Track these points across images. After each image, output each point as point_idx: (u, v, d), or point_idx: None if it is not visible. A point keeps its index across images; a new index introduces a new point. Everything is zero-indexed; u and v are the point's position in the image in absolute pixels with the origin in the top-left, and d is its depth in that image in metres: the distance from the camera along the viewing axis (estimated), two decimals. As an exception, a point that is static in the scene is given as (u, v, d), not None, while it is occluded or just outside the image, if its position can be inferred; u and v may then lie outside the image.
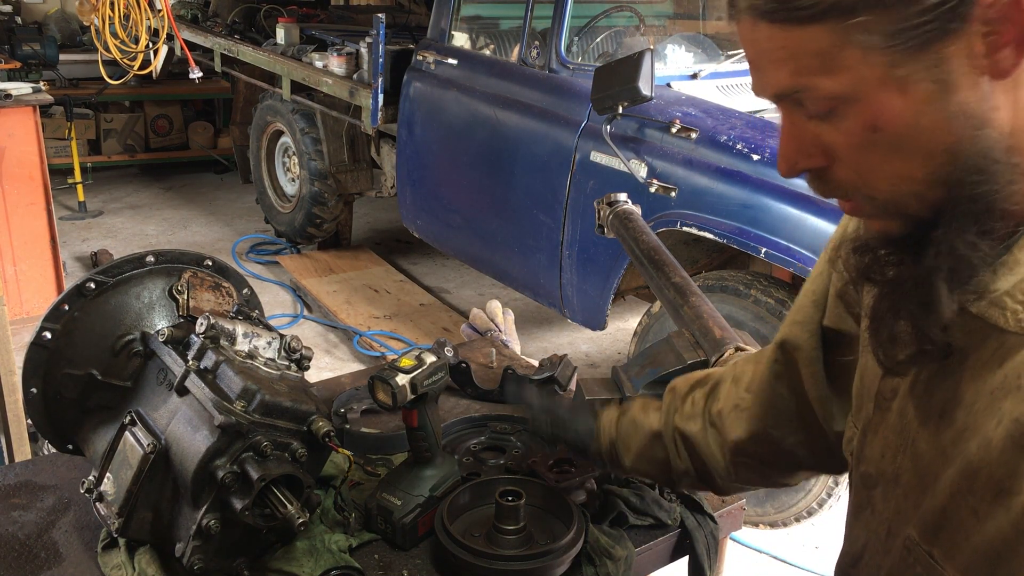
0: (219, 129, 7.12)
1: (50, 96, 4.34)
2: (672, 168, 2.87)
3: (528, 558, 1.17)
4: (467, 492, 1.30)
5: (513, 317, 2.05)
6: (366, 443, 1.51)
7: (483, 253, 3.84)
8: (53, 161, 5.44)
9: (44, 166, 4.06)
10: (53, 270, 4.15)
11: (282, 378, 1.19)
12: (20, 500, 1.36)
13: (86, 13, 5.44)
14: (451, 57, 3.86)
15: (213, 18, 5.84)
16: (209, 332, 1.17)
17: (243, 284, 1.40)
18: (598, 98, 2.90)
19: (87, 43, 6.66)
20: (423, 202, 4.09)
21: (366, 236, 5.70)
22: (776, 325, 2.66)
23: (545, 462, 1.40)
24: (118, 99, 6.72)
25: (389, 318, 4.27)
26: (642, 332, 3.02)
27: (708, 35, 3.75)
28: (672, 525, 1.32)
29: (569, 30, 3.39)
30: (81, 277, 1.24)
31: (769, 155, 2.68)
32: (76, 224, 5.70)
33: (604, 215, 1.70)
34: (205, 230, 5.77)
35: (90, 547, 1.25)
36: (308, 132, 4.81)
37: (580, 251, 3.24)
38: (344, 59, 4.46)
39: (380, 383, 1.23)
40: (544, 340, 4.33)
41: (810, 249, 2.54)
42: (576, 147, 3.20)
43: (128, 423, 1.15)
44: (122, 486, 1.13)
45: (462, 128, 3.77)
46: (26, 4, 7.21)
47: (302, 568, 1.18)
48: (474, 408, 1.66)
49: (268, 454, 1.10)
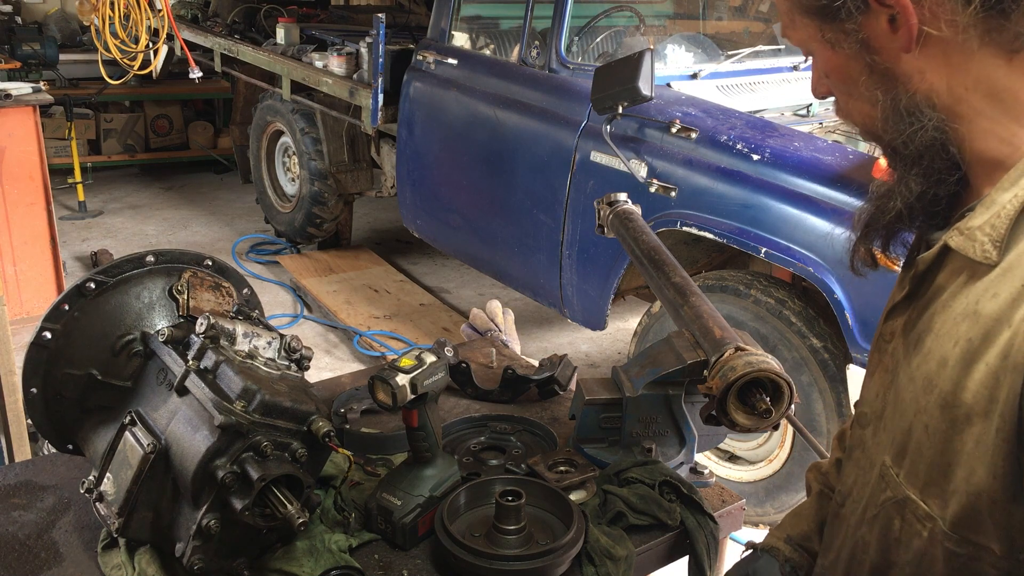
0: (219, 129, 7.12)
1: (50, 96, 4.34)
2: (672, 168, 2.87)
3: (528, 558, 1.17)
4: (467, 492, 1.30)
5: (513, 317, 2.05)
6: (366, 443, 1.51)
7: (483, 253, 3.84)
8: (53, 161, 5.44)
9: (44, 166, 4.06)
10: (53, 270, 4.15)
11: (282, 378, 1.19)
12: (20, 500, 1.36)
13: (86, 13, 5.44)
14: (451, 57, 3.86)
15: (213, 18, 5.84)
16: (209, 332, 1.17)
17: (243, 284, 1.40)
18: (598, 98, 2.90)
19: (87, 43, 6.66)
20: (423, 202, 4.09)
21: (366, 236, 5.70)
22: (776, 325, 2.66)
23: (545, 462, 1.40)
24: (118, 99, 6.72)
25: (389, 318, 4.27)
26: (642, 332, 3.02)
27: (708, 35, 3.75)
28: (672, 525, 1.31)
29: (569, 30, 3.39)
30: (81, 277, 1.24)
31: (769, 155, 2.68)
32: (76, 224, 5.70)
33: (604, 215, 1.69)
34: (205, 230, 5.77)
35: (90, 547, 1.25)
36: (308, 132, 4.81)
37: (580, 251, 3.24)
38: (344, 59, 4.46)
39: (380, 383, 1.23)
40: (544, 340, 4.33)
41: (810, 249, 2.54)
42: (576, 147, 3.20)
43: (128, 423, 1.15)
44: (122, 486, 1.13)
45: (462, 128, 3.77)
46: (26, 4, 7.21)
47: (302, 568, 1.18)
48: (474, 408, 1.66)
49: (268, 454, 1.10)
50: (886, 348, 0.93)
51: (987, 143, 0.80)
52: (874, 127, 0.87)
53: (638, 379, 1.41)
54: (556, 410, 1.68)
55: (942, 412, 0.79)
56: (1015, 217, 0.76)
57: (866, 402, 0.97)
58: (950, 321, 0.80)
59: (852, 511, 0.95)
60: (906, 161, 0.84)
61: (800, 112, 3.23)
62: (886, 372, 0.92)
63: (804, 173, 2.60)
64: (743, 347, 1.27)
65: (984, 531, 0.77)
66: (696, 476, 1.45)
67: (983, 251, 0.78)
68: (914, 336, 0.85)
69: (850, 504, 0.97)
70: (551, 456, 1.42)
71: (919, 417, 0.82)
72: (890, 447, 0.87)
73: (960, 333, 0.78)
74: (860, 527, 0.93)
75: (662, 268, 1.51)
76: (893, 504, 0.86)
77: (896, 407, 0.87)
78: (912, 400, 0.83)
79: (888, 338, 0.93)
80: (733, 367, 1.21)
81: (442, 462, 1.33)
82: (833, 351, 2.62)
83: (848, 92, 0.87)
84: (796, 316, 2.65)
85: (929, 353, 0.81)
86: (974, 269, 0.79)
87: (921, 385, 0.82)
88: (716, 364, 1.25)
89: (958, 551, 0.79)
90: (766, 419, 1.20)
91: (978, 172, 0.83)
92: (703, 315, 1.38)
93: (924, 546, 0.82)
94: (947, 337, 0.79)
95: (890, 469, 0.86)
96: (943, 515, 0.80)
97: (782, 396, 1.22)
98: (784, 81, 3.39)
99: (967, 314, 0.78)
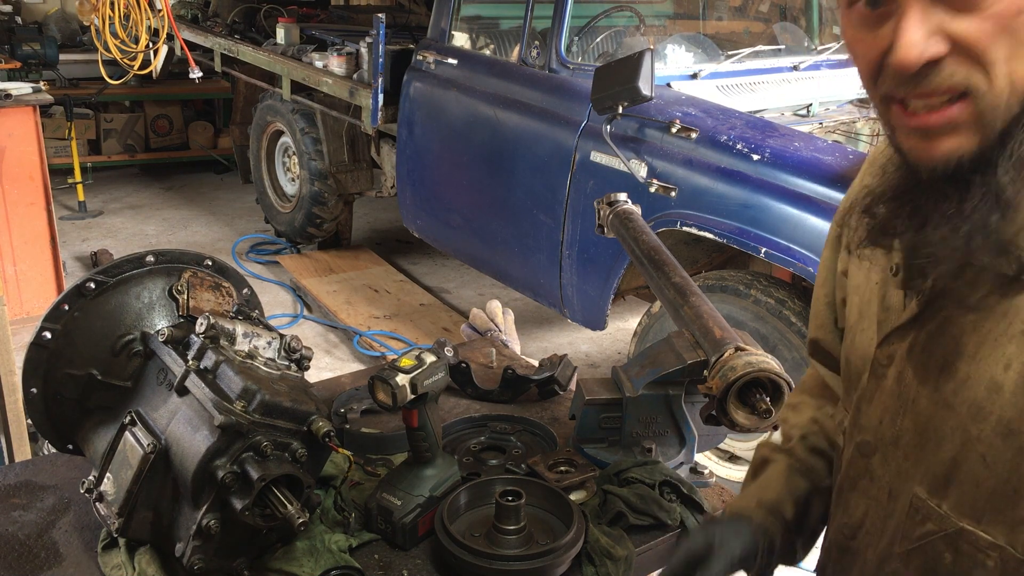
0: (219, 129, 7.11)
1: (50, 96, 4.34)
2: (672, 168, 2.87)
3: (528, 558, 1.17)
4: (467, 492, 1.30)
5: (513, 317, 2.05)
6: (366, 443, 1.51)
7: (483, 253, 3.84)
8: (53, 161, 5.44)
9: (44, 166, 4.06)
10: (53, 270, 4.15)
11: (282, 378, 1.19)
12: (20, 500, 1.36)
13: (86, 13, 5.44)
14: (451, 57, 3.86)
15: (213, 18, 5.84)
16: (209, 332, 1.17)
17: (243, 284, 1.40)
18: (598, 98, 2.90)
19: (87, 43, 6.66)
20: (423, 202, 4.09)
21: (366, 236, 5.70)
22: (776, 325, 2.66)
23: (545, 462, 1.40)
24: (118, 99, 6.72)
25: (389, 318, 4.27)
26: (642, 332, 3.02)
27: (708, 35, 3.75)
28: (672, 525, 1.31)
29: (569, 30, 3.39)
30: (81, 277, 1.24)
31: (769, 155, 2.68)
32: (76, 224, 5.70)
33: (604, 215, 1.69)
34: (205, 230, 5.77)
35: (90, 547, 1.25)
36: (308, 132, 4.81)
37: (580, 251, 3.24)
38: (344, 59, 4.46)
39: (380, 383, 1.23)
40: (544, 340, 4.33)
41: (810, 249, 2.54)
42: (576, 147, 3.19)
43: (128, 423, 1.15)
44: (122, 486, 1.13)
45: (462, 128, 3.77)
46: (26, 4, 7.21)
47: (302, 568, 1.18)
48: (474, 408, 1.66)
49: (268, 454, 1.10)
50: (885, 373, 0.87)
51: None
52: (1019, 93, 0.69)
53: (638, 379, 1.41)
54: (556, 410, 1.68)
55: (1004, 440, 0.74)
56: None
57: (867, 429, 0.90)
58: (989, 342, 0.74)
59: (869, 544, 0.91)
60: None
61: (800, 112, 3.23)
62: (892, 398, 0.86)
63: (804, 173, 2.60)
64: (743, 347, 1.27)
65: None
66: (696, 476, 1.45)
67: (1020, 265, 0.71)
68: (936, 361, 0.80)
69: (864, 537, 0.91)
70: (551, 456, 1.42)
71: (972, 446, 0.76)
72: (924, 478, 0.82)
73: (1010, 355, 0.72)
74: (889, 562, 0.87)
75: (662, 268, 1.51)
76: (941, 538, 0.81)
77: (921, 437, 0.82)
78: (956, 429, 0.78)
79: (885, 363, 0.87)
80: (733, 367, 1.21)
81: (442, 462, 1.33)
82: (833, 351, 2.61)
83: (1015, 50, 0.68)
84: (796, 316, 2.65)
85: (968, 379, 0.76)
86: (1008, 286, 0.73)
87: (968, 414, 0.76)
88: (716, 364, 1.25)
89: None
90: (766, 419, 1.20)
91: None
92: (703, 315, 1.38)
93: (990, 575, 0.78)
94: (992, 361, 0.74)
95: (926, 501, 0.81)
96: (1013, 542, 0.76)
97: (782, 396, 1.22)
98: (784, 81, 3.39)
99: (1013, 334, 0.72)
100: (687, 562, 1.01)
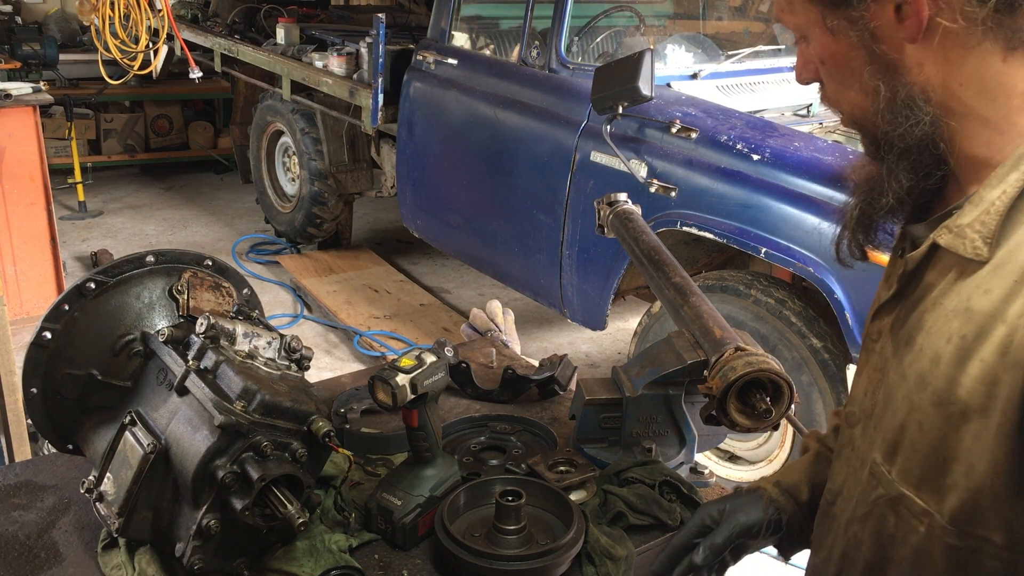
0: (219, 129, 7.12)
1: (50, 96, 4.34)
2: (672, 168, 2.87)
3: (528, 558, 1.17)
4: (467, 492, 1.29)
5: (513, 317, 2.05)
6: (366, 443, 1.51)
7: (483, 253, 3.84)
8: (53, 161, 5.44)
9: (44, 166, 4.06)
10: (53, 270, 4.15)
11: (282, 378, 1.19)
12: (20, 500, 1.36)
13: (86, 13, 5.44)
14: (451, 57, 3.86)
15: (213, 18, 5.84)
16: (209, 332, 1.17)
17: (243, 284, 1.40)
18: (598, 98, 2.90)
19: (87, 43, 6.66)
20: (423, 202, 4.09)
21: (366, 236, 5.70)
22: (776, 325, 2.66)
23: (545, 462, 1.40)
24: (118, 99, 6.72)
25: (389, 318, 4.27)
26: (642, 332, 3.02)
27: (708, 35, 3.75)
28: (672, 525, 1.31)
29: (569, 30, 3.39)
30: (81, 277, 1.24)
31: (769, 155, 2.68)
32: (76, 224, 5.70)
33: (604, 215, 1.69)
34: (205, 230, 5.77)
35: (90, 547, 1.25)
36: (308, 132, 4.81)
37: (580, 251, 3.24)
38: (344, 59, 4.46)
39: (380, 383, 1.23)
40: (544, 340, 4.33)
41: (810, 249, 2.54)
42: (576, 147, 3.20)
43: (128, 423, 1.15)
44: (122, 486, 1.13)
45: (462, 128, 3.77)
46: (26, 4, 7.21)
47: (302, 568, 1.18)
48: (474, 408, 1.66)
49: (268, 454, 1.10)
50: (873, 347, 0.93)
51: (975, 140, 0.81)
52: (863, 117, 0.87)
53: (638, 379, 1.41)
54: (556, 410, 1.68)
55: (936, 409, 0.79)
56: (1004, 213, 0.77)
57: (855, 401, 0.97)
58: (942, 318, 0.80)
59: (843, 509, 0.96)
60: (896, 154, 0.84)
61: (800, 112, 3.23)
62: (875, 371, 0.92)
63: (804, 173, 2.60)
64: (743, 347, 1.27)
65: (985, 524, 0.78)
66: (696, 476, 1.45)
67: (973, 248, 0.78)
68: (904, 334, 0.85)
69: (841, 502, 0.97)
70: (551, 456, 1.42)
71: (912, 415, 0.82)
72: (881, 445, 0.87)
73: (952, 330, 0.78)
74: (852, 525, 0.93)
75: (662, 268, 1.50)
76: (886, 501, 0.86)
77: (887, 405, 0.87)
78: (904, 398, 0.83)
79: (875, 337, 0.93)
80: (733, 367, 1.21)
81: (442, 462, 1.33)
82: (833, 351, 2.62)
83: (841, 81, 0.87)
84: (796, 316, 2.65)
85: (921, 351, 0.81)
86: (964, 266, 0.79)
87: (914, 383, 0.82)
88: (716, 364, 1.25)
89: (958, 544, 0.80)
90: (766, 419, 1.20)
91: (965, 169, 0.83)
92: (703, 315, 1.38)
93: (921, 541, 0.83)
94: (939, 334, 0.79)
95: (881, 467, 0.87)
96: (940, 510, 0.80)
97: (782, 396, 1.22)
98: (784, 81, 3.39)
99: (959, 311, 0.78)
100: (699, 530, 1.13)
